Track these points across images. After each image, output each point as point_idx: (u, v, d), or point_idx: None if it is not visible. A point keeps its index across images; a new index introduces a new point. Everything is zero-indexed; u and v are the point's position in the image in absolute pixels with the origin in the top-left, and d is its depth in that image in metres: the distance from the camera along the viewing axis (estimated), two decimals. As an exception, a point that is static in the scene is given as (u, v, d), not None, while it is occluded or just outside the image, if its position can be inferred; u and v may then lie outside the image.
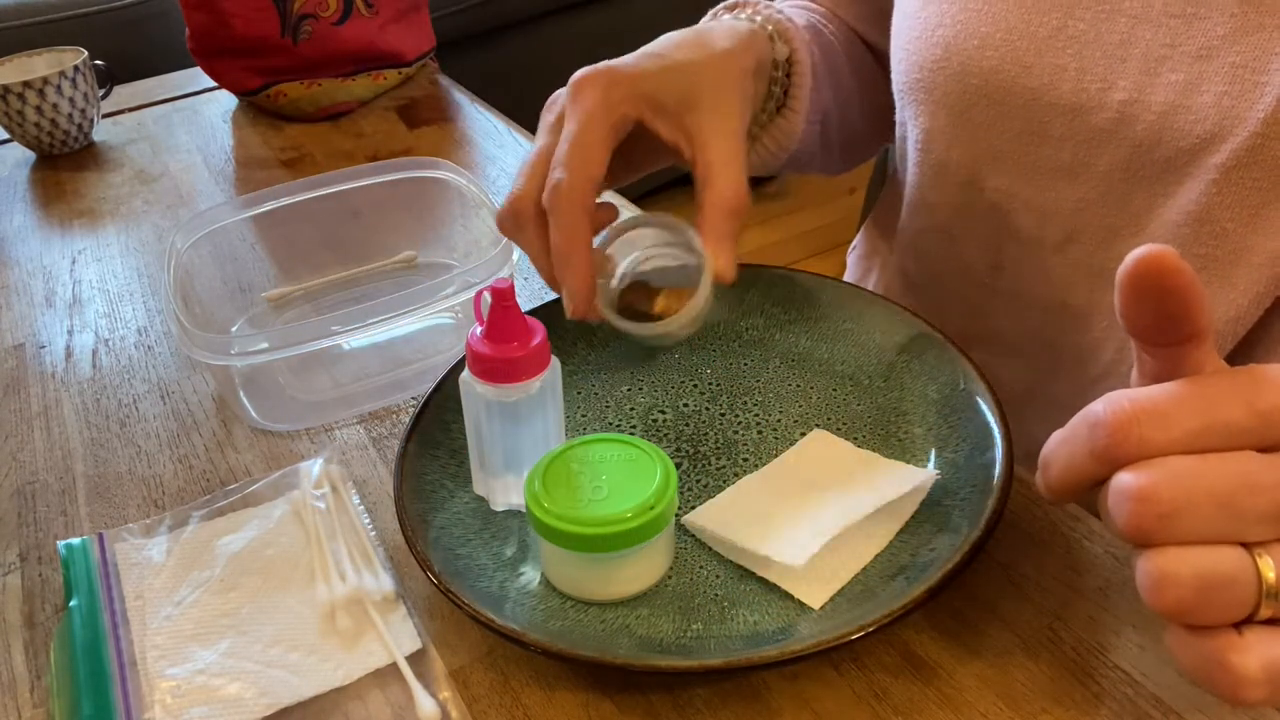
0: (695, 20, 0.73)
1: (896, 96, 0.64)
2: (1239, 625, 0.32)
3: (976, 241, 0.61)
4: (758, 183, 2.62)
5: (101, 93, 1.00)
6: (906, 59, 0.60)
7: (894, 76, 0.63)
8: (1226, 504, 0.31)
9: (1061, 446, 0.35)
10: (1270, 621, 0.32)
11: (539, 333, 0.47)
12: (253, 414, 0.60)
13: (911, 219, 0.65)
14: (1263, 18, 0.46)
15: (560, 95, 0.54)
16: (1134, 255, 0.32)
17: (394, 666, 0.44)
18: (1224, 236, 0.49)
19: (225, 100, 1.07)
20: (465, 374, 0.48)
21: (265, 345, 0.55)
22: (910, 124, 0.62)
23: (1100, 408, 0.33)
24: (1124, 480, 0.32)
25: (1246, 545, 0.32)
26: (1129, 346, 0.36)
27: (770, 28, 0.61)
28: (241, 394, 0.60)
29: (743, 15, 0.62)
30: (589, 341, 0.60)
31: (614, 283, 0.55)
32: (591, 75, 0.52)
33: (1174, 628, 0.33)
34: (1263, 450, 0.32)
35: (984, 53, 0.55)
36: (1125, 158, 0.52)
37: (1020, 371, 0.62)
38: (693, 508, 0.49)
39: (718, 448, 0.53)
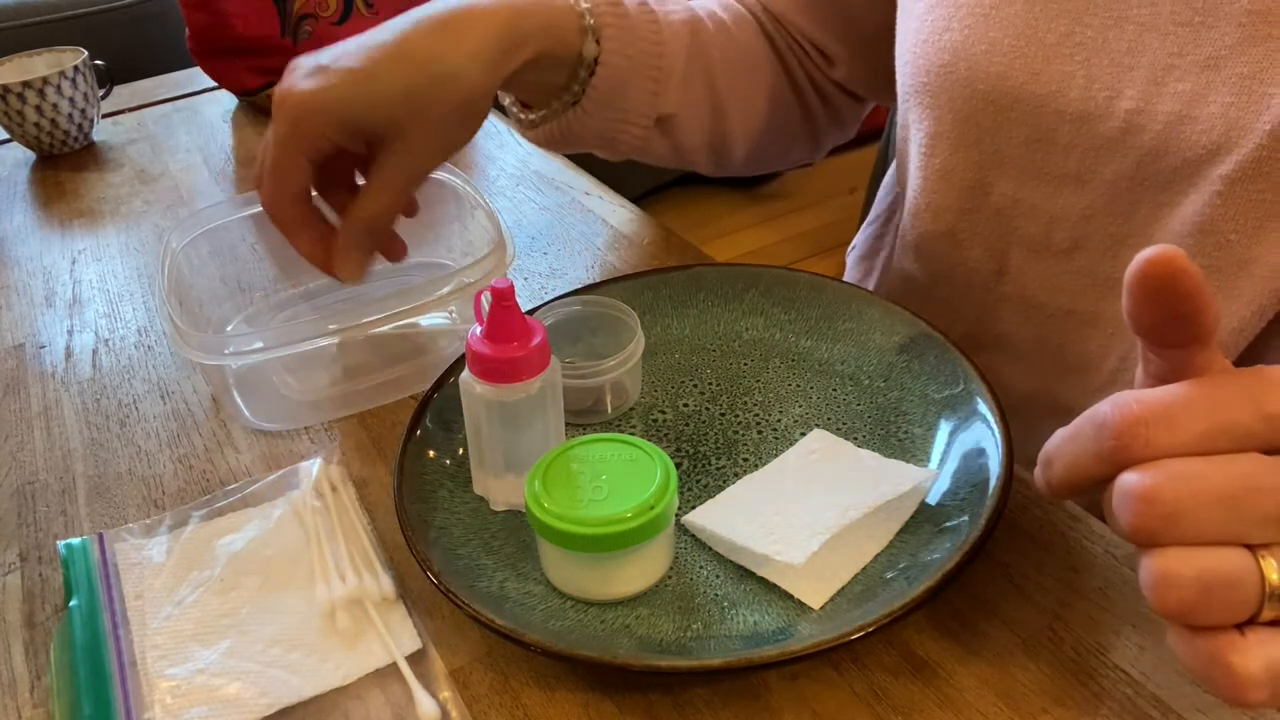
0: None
1: (900, 99, 0.63)
2: (1242, 626, 0.32)
3: (981, 246, 0.61)
4: (756, 183, 2.63)
5: (101, 93, 1.00)
6: (913, 62, 0.60)
7: (899, 79, 0.62)
8: (1230, 505, 0.31)
9: (1066, 445, 0.35)
10: (1274, 623, 0.32)
11: (539, 333, 0.47)
12: (245, 413, 0.59)
13: (914, 222, 0.65)
14: (1271, 28, 0.46)
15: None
16: (1142, 256, 0.32)
17: (394, 666, 0.44)
18: (1227, 248, 0.49)
19: (225, 100, 1.07)
20: (465, 374, 0.48)
21: (260, 345, 0.55)
22: (914, 127, 0.62)
23: (1107, 409, 0.33)
24: (1129, 480, 0.32)
25: (1251, 547, 0.32)
26: (1133, 355, 0.36)
27: (590, 20, 0.60)
28: (235, 393, 0.60)
29: None
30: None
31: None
32: (288, 101, 0.53)
33: (1177, 628, 0.33)
34: (1269, 453, 0.32)
35: (992, 58, 0.54)
36: (1132, 167, 0.51)
37: (1023, 377, 0.62)
38: (693, 508, 0.49)
39: (718, 448, 0.53)
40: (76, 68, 0.95)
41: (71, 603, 0.48)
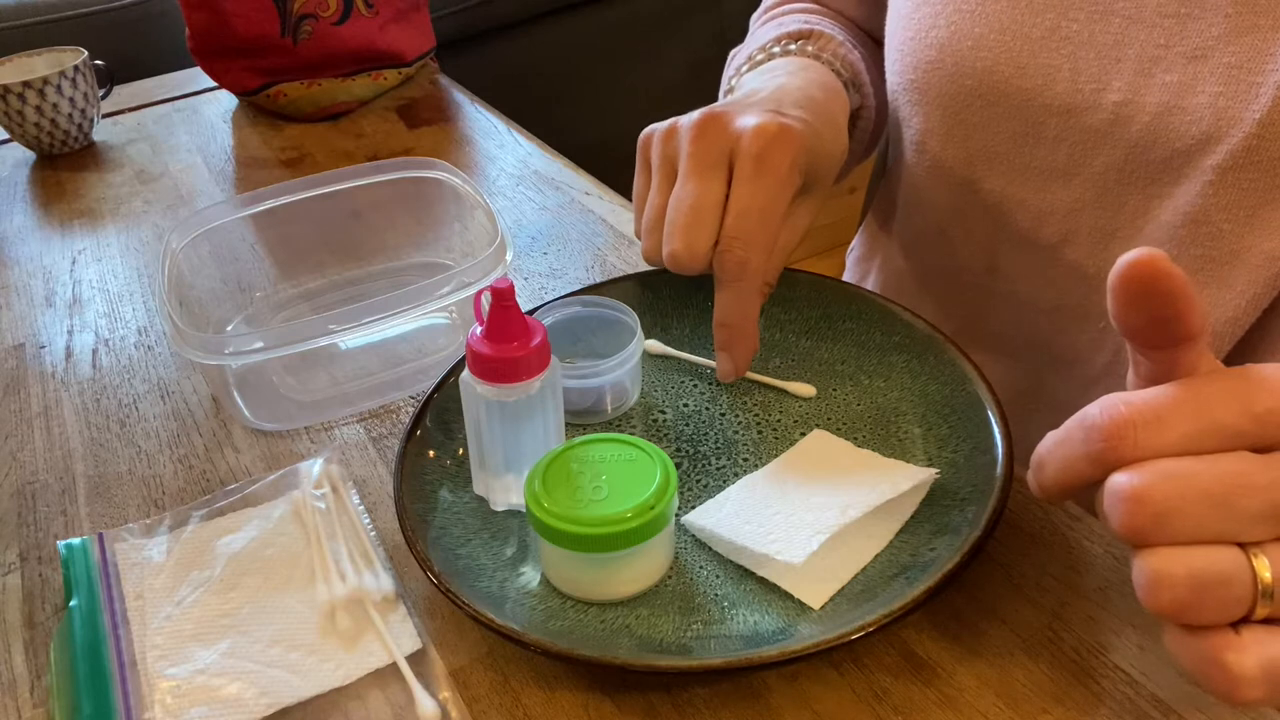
0: (694, 21, 0.73)
1: (891, 97, 0.64)
2: (1236, 625, 0.32)
3: (972, 242, 0.61)
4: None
5: (101, 93, 1.00)
6: (901, 60, 0.60)
7: (889, 77, 0.63)
8: (1221, 504, 0.31)
9: (1056, 448, 0.35)
10: (1267, 621, 0.32)
11: (539, 333, 0.47)
12: (246, 414, 0.59)
13: (907, 220, 0.65)
14: (1257, 18, 0.46)
15: (692, 123, 0.51)
16: (1125, 259, 0.32)
17: (394, 666, 0.44)
18: (1220, 237, 0.49)
19: (225, 100, 1.07)
20: (465, 374, 0.48)
21: (260, 345, 0.55)
22: (905, 125, 0.62)
23: (1096, 411, 0.33)
24: (1119, 481, 0.32)
25: (1242, 545, 0.32)
26: (1125, 349, 0.36)
27: (846, 74, 0.62)
28: (235, 393, 0.60)
29: (810, 48, 0.63)
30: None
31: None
32: (781, 133, 0.49)
33: (1171, 628, 0.33)
34: (1258, 451, 0.32)
35: (978, 53, 0.55)
36: (1120, 159, 0.52)
37: (1017, 373, 0.62)
38: (693, 508, 0.49)
39: (718, 448, 0.53)
40: (76, 68, 0.95)
41: (71, 603, 0.48)
